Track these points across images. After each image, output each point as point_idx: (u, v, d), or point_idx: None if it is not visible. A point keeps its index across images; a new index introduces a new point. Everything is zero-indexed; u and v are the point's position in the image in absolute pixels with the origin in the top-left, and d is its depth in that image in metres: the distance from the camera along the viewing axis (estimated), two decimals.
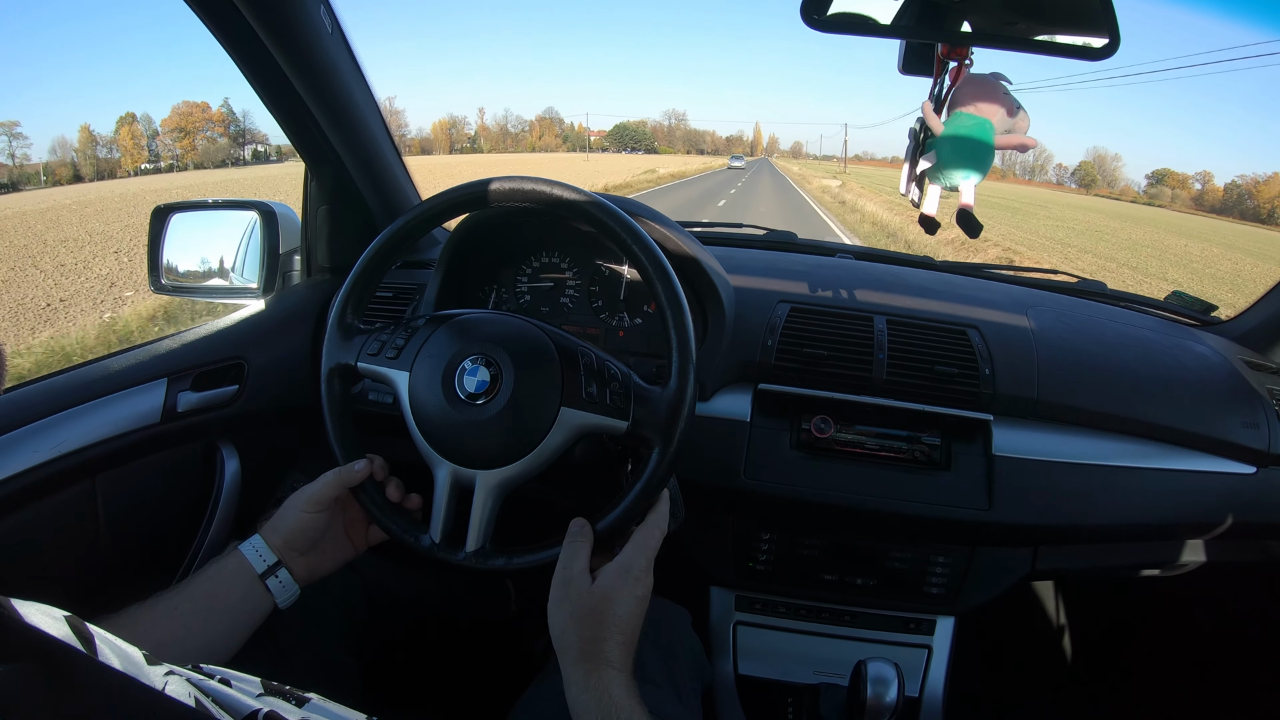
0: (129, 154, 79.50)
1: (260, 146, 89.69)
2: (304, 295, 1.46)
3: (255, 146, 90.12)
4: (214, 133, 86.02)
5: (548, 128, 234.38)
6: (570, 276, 1.41)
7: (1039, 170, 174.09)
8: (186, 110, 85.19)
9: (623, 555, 0.83)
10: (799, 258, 1.61)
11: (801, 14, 1.04)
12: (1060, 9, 1.08)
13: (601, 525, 0.86)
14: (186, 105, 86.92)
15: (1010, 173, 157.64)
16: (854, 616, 1.34)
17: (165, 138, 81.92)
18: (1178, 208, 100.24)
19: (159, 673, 0.50)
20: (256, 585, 0.88)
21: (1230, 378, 1.34)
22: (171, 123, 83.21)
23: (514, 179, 0.93)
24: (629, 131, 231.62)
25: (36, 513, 1.02)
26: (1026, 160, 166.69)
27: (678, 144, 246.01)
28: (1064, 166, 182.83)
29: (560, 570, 0.82)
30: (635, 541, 0.84)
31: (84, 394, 1.09)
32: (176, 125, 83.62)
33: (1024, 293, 1.54)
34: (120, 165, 74.76)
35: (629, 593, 0.80)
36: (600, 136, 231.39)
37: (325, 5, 1.19)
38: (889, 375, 1.25)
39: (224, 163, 78.27)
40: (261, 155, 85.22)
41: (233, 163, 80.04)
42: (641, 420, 0.87)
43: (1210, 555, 1.33)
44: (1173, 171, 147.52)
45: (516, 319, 0.94)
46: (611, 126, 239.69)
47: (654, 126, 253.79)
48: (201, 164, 69.11)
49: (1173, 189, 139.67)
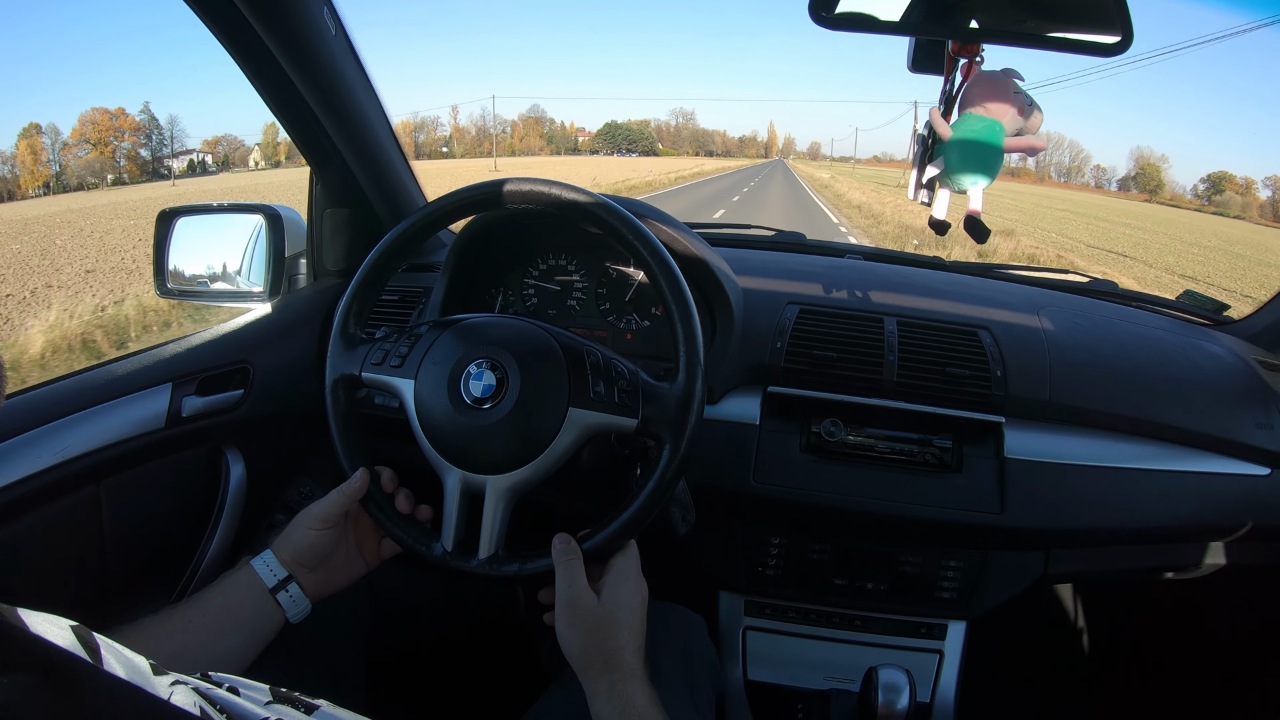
0: (29, 171, 64.24)
1: (196, 156, 79.99)
2: (310, 299, 1.45)
3: (192, 156, 79.79)
4: (127, 143, 72.98)
5: (532, 128, 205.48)
6: (577, 279, 1.40)
7: (1075, 172, 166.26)
8: (94, 118, 71.50)
9: (618, 563, 0.87)
10: (808, 259, 1.60)
11: (809, 12, 1.04)
12: (1071, 5, 1.07)
13: (604, 535, 0.87)
14: (96, 112, 72.97)
15: (1046, 175, 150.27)
16: (864, 621, 1.33)
17: (75, 150, 67.54)
18: (1256, 218, 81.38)
19: (165, 682, 0.50)
20: (268, 600, 0.88)
21: (1244, 378, 1.32)
22: (80, 133, 68.98)
23: (520, 180, 0.92)
24: (622, 131, 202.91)
25: (41, 518, 1.02)
26: (1062, 161, 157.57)
27: (684, 145, 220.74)
28: (1102, 168, 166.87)
29: (563, 592, 0.83)
30: (624, 548, 0.88)
31: (88, 399, 1.09)
32: (86, 136, 69.23)
33: (1036, 293, 1.52)
34: (21, 185, 60.03)
35: (633, 599, 0.84)
36: (589, 137, 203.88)
37: (329, 7, 1.19)
38: (900, 377, 1.24)
39: (155, 175, 66.23)
40: (198, 166, 76.44)
41: (165, 174, 67.69)
42: (651, 418, 0.87)
43: (1227, 558, 1.31)
44: (1230, 175, 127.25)
45: (520, 321, 0.94)
46: (601, 125, 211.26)
47: (658, 126, 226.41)
48: (121, 179, 58.55)
49: (1240, 195, 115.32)
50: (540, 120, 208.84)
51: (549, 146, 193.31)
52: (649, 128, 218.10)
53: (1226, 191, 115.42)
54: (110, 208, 24.46)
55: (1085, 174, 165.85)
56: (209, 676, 0.54)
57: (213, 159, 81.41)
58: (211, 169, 75.59)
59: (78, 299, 9.86)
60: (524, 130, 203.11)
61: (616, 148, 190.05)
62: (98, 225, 18.82)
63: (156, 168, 70.56)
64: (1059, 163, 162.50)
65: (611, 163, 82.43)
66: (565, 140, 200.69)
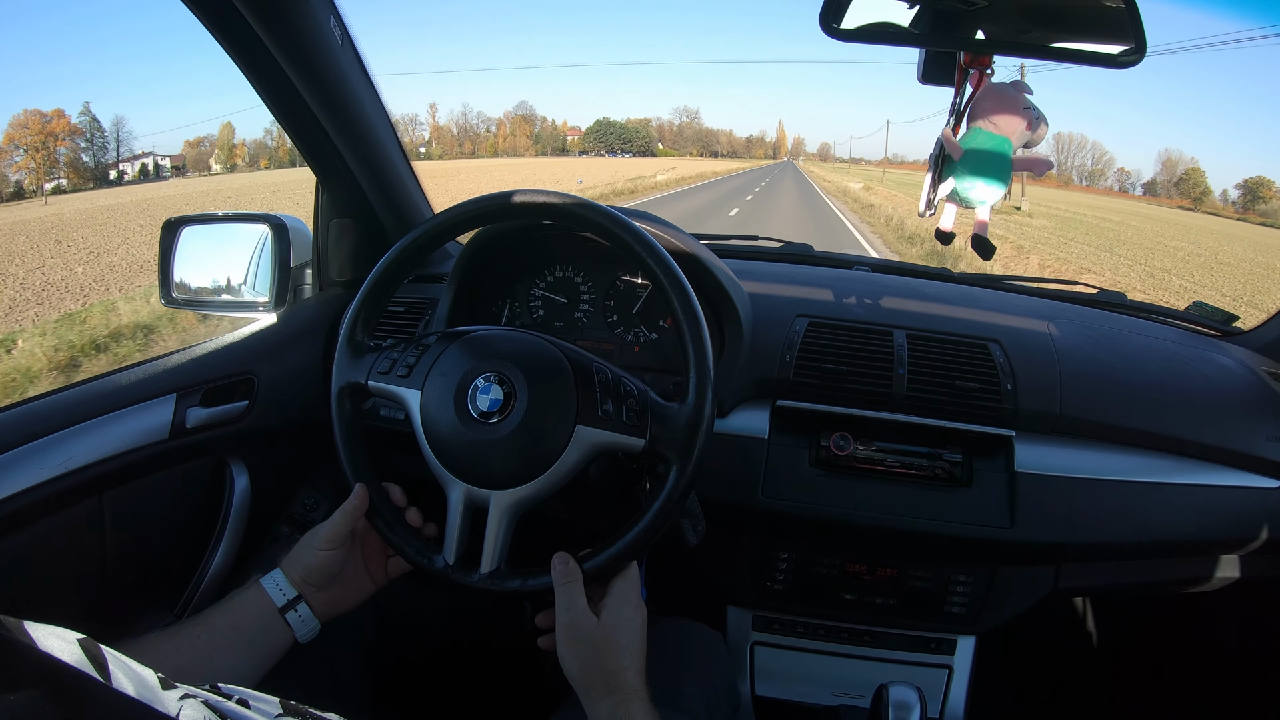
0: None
1: (148, 161, 70.94)
2: (315, 309, 1.45)
3: (145, 160, 70.52)
4: (62, 148, 63.01)
5: (519, 126, 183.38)
6: (585, 291, 1.40)
7: (1099, 175, 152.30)
8: (25, 121, 62.60)
9: (617, 585, 0.87)
10: (816, 271, 1.60)
11: (820, 22, 1.04)
12: (1080, 16, 1.07)
13: (607, 555, 0.86)
14: (27, 115, 64.05)
15: (1069, 179, 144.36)
16: (873, 636, 1.32)
17: (8, 155, 58.35)
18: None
19: (174, 697, 0.49)
20: (276, 619, 0.88)
21: (1254, 390, 1.32)
22: (11, 138, 59.88)
23: (528, 193, 0.92)
24: (614, 129, 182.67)
25: (43, 530, 1.01)
26: (1084, 164, 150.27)
27: (687, 145, 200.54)
28: (1126, 171, 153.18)
29: (562, 615, 0.83)
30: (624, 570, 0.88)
31: (92, 409, 1.09)
32: (17, 141, 60.23)
33: (1045, 305, 1.52)
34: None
35: (633, 621, 0.85)
36: (578, 136, 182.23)
37: (335, 17, 1.19)
38: (909, 391, 1.23)
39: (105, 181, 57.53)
40: (149, 171, 67.64)
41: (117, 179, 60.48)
42: (659, 438, 0.86)
43: (1239, 571, 1.31)
44: (1269, 181, 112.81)
45: (530, 335, 0.93)
46: (591, 123, 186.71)
47: (661, 125, 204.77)
48: (62, 186, 51.05)
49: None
50: (529, 118, 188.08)
51: (535, 146, 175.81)
52: (649, 126, 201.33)
53: (1272, 200, 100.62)
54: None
55: (1109, 177, 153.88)
56: (219, 689, 0.54)
57: (171, 163, 75.33)
58: (166, 174, 68.56)
59: None
60: (511, 129, 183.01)
61: (609, 147, 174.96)
62: None
63: (102, 173, 63.72)
64: (1081, 165, 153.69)
65: (591, 165, 73.85)
66: (554, 140, 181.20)
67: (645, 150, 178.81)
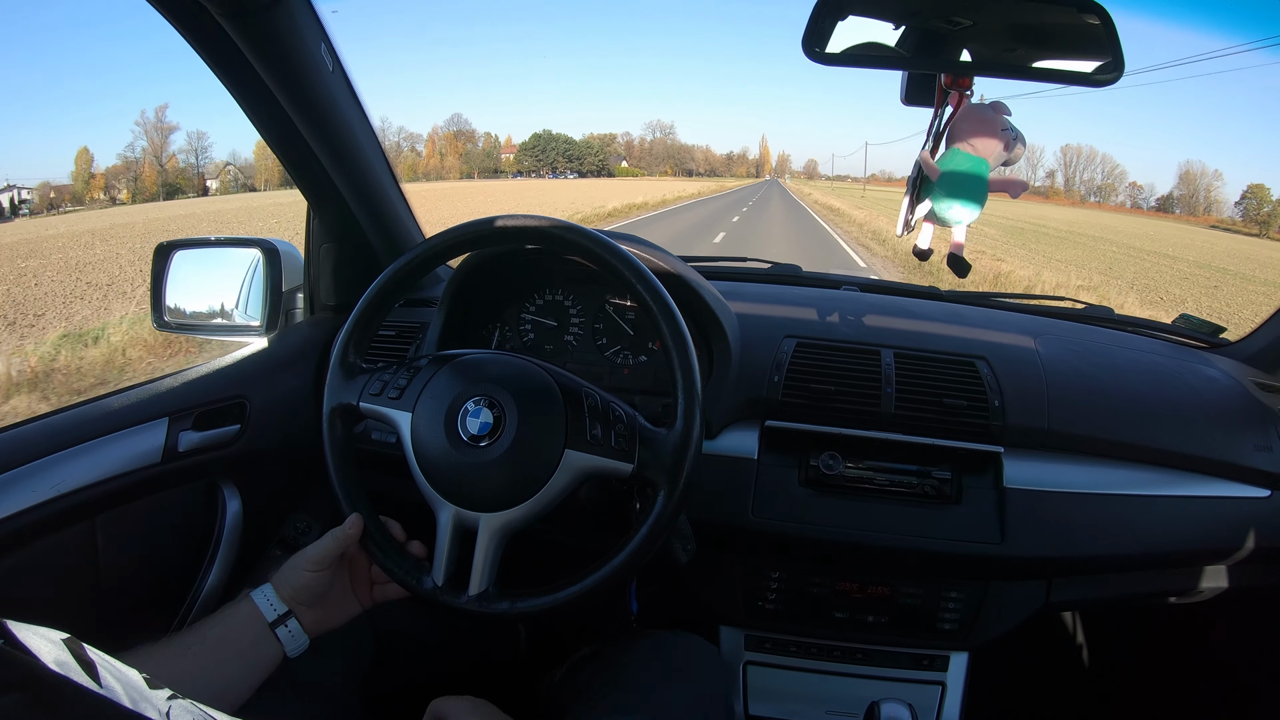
0: None
1: (15, 195, 61.29)
2: (307, 334, 1.45)
3: (11, 194, 60.38)
4: None
5: (451, 144, 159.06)
6: (574, 314, 1.41)
7: (1109, 190, 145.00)
8: None
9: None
10: (804, 291, 1.60)
11: (803, 47, 1.05)
12: (1061, 34, 1.09)
13: (596, 578, 0.87)
14: None
15: (1077, 195, 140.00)
16: (866, 654, 1.32)
17: None
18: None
19: (161, 697, 0.49)
20: (266, 633, 0.88)
21: (1241, 400, 1.33)
22: None
23: (516, 217, 0.93)
24: (557, 144, 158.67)
25: (33, 554, 1.01)
26: (1093, 179, 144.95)
27: (658, 163, 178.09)
28: (1139, 185, 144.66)
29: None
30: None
31: (83, 433, 1.09)
32: None
33: (1031, 321, 1.53)
34: None
35: None
36: (511, 153, 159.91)
37: (326, 43, 1.20)
38: (898, 409, 1.23)
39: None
40: (16, 205, 57.50)
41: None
42: (647, 463, 0.87)
43: (1229, 581, 1.31)
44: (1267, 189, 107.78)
45: (520, 359, 0.94)
46: (528, 136, 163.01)
47: (630, 141, 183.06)
48: None
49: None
50: (462, 135, 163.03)
51: (462, 167, 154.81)
52: (613, 143, 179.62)
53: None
54: None
55: (1120, 193, 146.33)
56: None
57: (39, 198, 66.21)
58: (24, 211, 57.19)
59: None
60: (441, 146, 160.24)
61: (550, 166, 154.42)
62: None
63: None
64: (1089, 180, 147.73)
65: (512, 189, 63.09)
66: (486, 161, 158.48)
67: (599, 170, 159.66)
